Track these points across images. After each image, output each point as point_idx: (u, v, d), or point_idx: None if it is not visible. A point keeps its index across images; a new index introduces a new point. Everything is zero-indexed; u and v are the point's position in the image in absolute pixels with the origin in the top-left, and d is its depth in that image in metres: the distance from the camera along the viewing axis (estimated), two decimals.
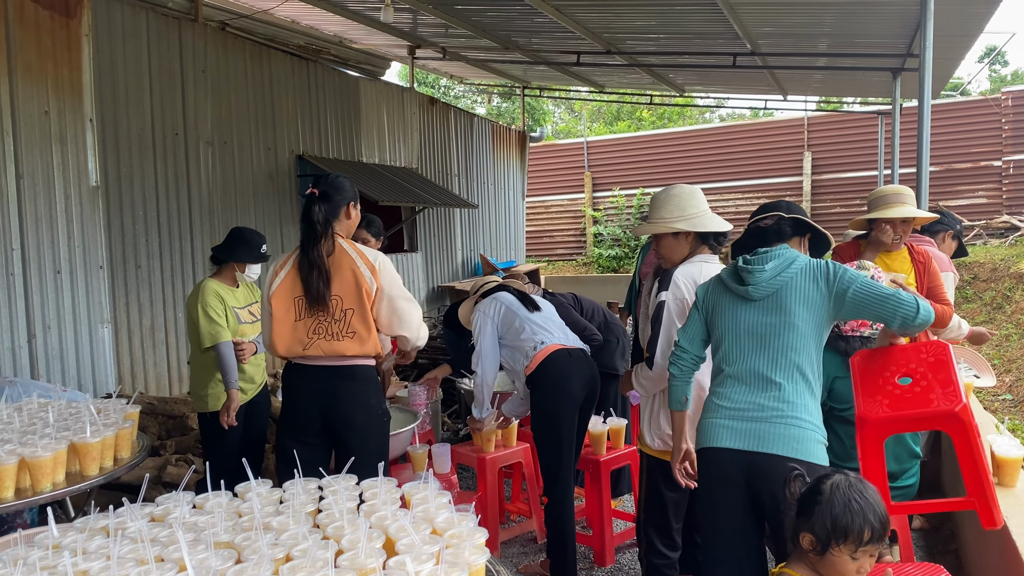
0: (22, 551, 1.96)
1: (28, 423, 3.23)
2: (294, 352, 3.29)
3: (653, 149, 16.72)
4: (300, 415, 3.33)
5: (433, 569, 1.73)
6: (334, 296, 3.26)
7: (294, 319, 3.27)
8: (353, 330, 3.25)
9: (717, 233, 3.07)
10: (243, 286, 4.31)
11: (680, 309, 2.95)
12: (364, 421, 3.31)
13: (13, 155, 5.32)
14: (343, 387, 3.29)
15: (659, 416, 3.04)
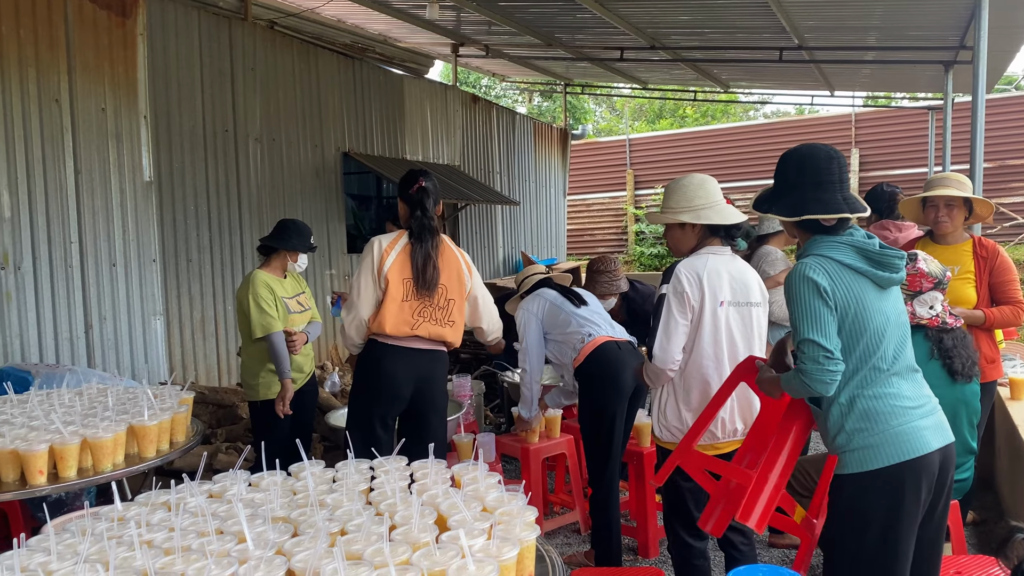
0: (89, 523, 2.04)
1: (89, 407, 3.34)
2: (401, 331, 3.46)
3: (696, 146, 16.59)
4: (390, 395, 3.51)
5: (485, 544, 1.75)
6: (441, 284, 3.55)
7: (401, 299, 3.47)
8: (453, 320, 3.58)
9: (729, 225, 2.98)
10: (291, 276, 4.38)
11: (680, 303, 2.87)
12: (444, 402, 3.72)
13: (72, 151, 5.49)
14: (436, 370, 3.61)
15: (666, 408, 3.00)
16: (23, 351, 5.19)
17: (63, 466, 2.88)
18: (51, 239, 5.36)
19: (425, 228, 3.52)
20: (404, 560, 1.70)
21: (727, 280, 2.92)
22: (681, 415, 2.94)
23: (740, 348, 2.95)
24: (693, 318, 2.89)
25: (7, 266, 5.11)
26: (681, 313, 2.86)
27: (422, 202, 3.53)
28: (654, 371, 2.93)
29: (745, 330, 2.97)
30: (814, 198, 2.37)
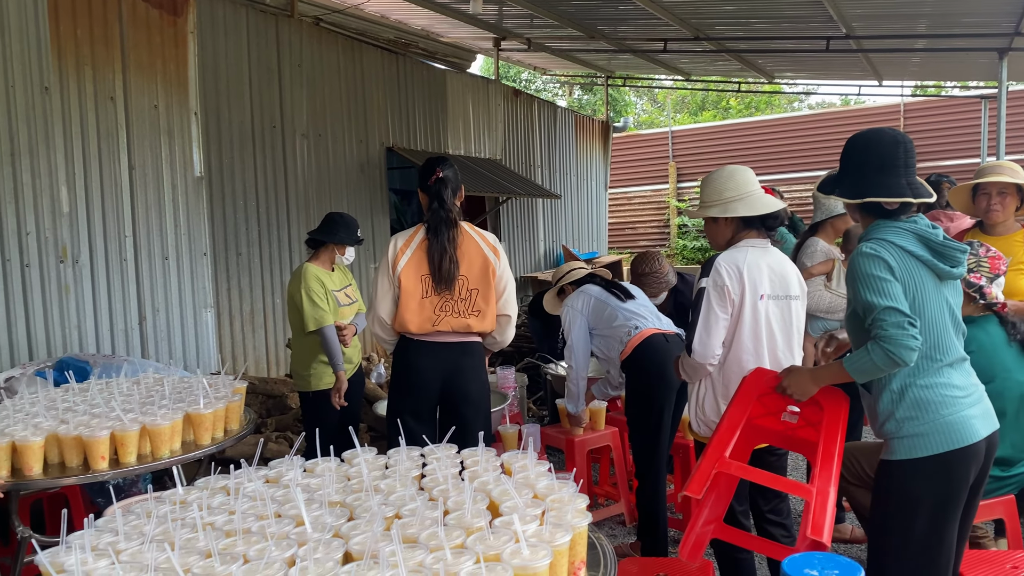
0: (152, 505, 2.11)
1: (146, 395, 3.44)
2: (424, 328, 3.43)
3: (740, 138, 16.39)
4: (420, 390, 3.48)
5: (538, 529, 1.78)
6: (461, 276, 3.45)
7: (421, 296, 3.42)
8: (478, 309, 3.46)
9: (764, 216, 2.93)
10: (338, 269, 4.45)
11: (720, 297, 2.82)
12: (478, 394, 3.54)
13: (126, 147, 5.63)
14: (464, 362, 3.50)
15: (704, 403, 2.96)
16: (81, 342, 5.35)
17: (123, 452, 2.97)
18: (107, 233, 5.51)
19: (442, 221, 3.41)
20: (459, 544, 1.73)
21: (767, 273, 2.89)
22: (720, 410, 2.90)
23: (779, 342, 2.93)
24: (733, 312, 2.85)
25: (66, 260, 5.27)
26: (721, 307, 2.83)
27: (440, 193, 3.41)
28: (692, 365, 2.89)
29: (784, 324, 2.94)
30: (877, 182, 2.37)
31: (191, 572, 1.63)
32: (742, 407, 2.50)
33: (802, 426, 2.47)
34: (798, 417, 2.51)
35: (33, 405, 3.28)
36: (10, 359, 4.96)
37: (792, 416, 2.52)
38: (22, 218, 5.01)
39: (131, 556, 1.78)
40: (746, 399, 2.51)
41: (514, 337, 8.06)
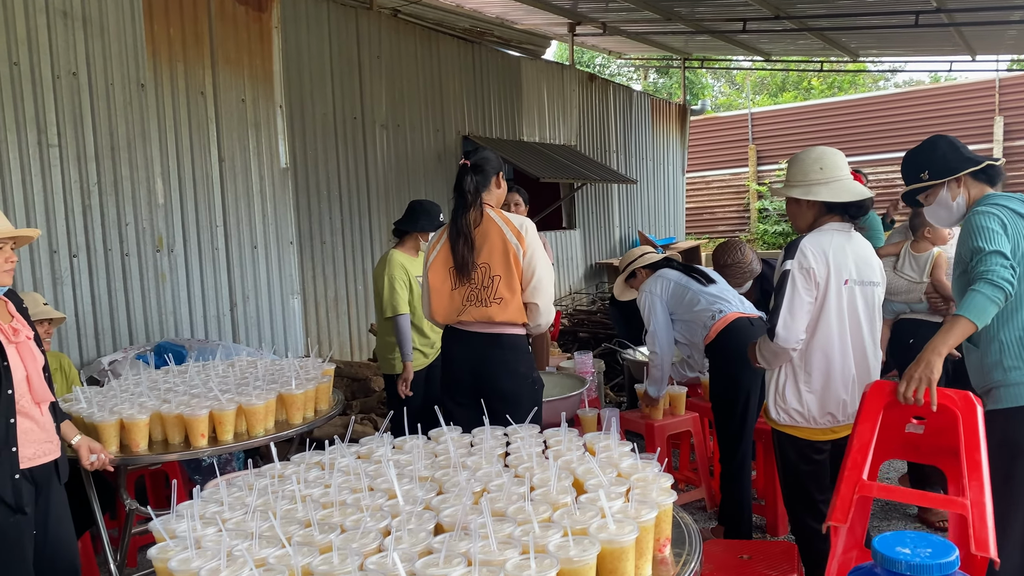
0: (252, 478, 2.22)
1: (241, 377, 3.60)
2: (451, 319, 3.40)
3: (823, 119, 15.92)
4: (453, 376, 3.44)
5: (623, 506, 1.80)
6: (481, 263, 3.32)
7: (450, 288, 3.37)
8: (500, 296, 3.29)
9: (849, 203, 2.83)
10: (422, 255, 4.54)
11: (806, 280, 2.75)
12: (513, 389, 3.30)
13: (216, 140, 5.86)
14: (492, 355, 3.33)
15: (785, 390, 2.88)
16: (176, 327, 5.61)
17: (221, 430, 3.13)
18: (199, 223, 5.75)
19: (458, 208, 3.36)
20: (546, 518, 1.77)
21: (851, 258, 2.82)
22: (802, 397, 2.84)
23: (864, 328, 2.85)
24: (818, 296, 2.77)
25: (162, 249, 5.53)
26: (807, 290, 2.75)
27: (459, 180, 3.37)
28: (774, 351, 2.81)
29: (868, 310, 2.86)
30: (958, 158, 2.71)
31: (292, 540, 1.72)
32: (869, 423, 2.40)
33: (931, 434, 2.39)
34: (924, 427, 2.43)
35: (137, 386, 3.48)
36: (112, 344, 5.24)
37: (918, 427, 2.44)
38: (122, 209, 5.28)
39: (235, 524, 1.88)
40: (872, 414, 2.43)
41: (591, 323, 8.07)
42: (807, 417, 2.84)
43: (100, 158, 5.14)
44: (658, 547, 1.86)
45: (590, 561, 1.58)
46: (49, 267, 4.90)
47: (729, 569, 2.43)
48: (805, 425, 2.86)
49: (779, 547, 2.58)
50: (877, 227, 5.55)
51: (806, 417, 2.85)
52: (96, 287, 5.15)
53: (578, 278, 10.83)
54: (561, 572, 1.54)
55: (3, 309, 2.64)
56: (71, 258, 5.02)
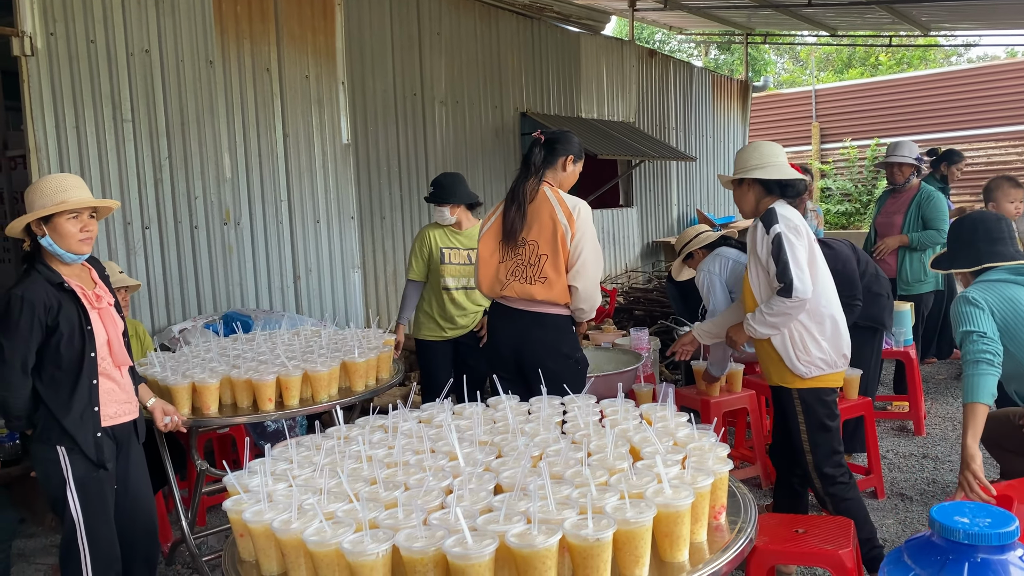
0: (319, 439, 2.31)
1: (306, 345, 3.71)
2: (494, 292, 3.45)
3: (891, 96, 15.43)
4: (496, 351, 3.50)
5: (680, 473, 1.84)
6: (531, 240, 3.33)
7: (497, 261, 3.42)
8: (545, 276, 3.30)
9: (783, 184, 3.11)
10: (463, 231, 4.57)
11: (797, 234, 2.96)
12: (555, 369, 3.24)
13: (281, 116, 5.99)
14: (534, 334, 3.36)
15: (805, 343, 3.02)
16: (242, 298, 5.79)
17: (287, 395, 3.24)
18: (264, 197, 5.91)
19: (519, 177, 3.42)
20: (602, 482, 1.81)
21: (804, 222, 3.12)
22: (823, 347, 3.03)
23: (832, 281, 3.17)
24: (807, 249, 2.99)
25: (229, 222, 5.70)
26: (801, 244, 2.96)
27: (528, 152, 3.45)
28: (789, 308, 2.92)
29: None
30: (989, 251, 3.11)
31: (359, 496, 1.80)
32: None
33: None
34: None
35: (208, 352, 3.62)
36: (182, 312, 5.44)
37: None
38: (191, 183, 5.45)
39: (304, 481, 1.97)
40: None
41: (647, 301, 8.04)
42: (829, 363, 3.05)
43: (171, 133, 5.32)
44: (713, 514, 1.89)
45: (646, 523, 1.62)
46: (123, 238, 5.10)
47: (783, 541, 2.44)
48: (829, 371, 3.06)
49: (835, 521, 2.58)
50: (943, 207, 5.40)
51: (829, 363, 3.05)
52: (167, 258, 5.34)
53: (634, 256, 10.78)
54: (618, 533, 1.59)
55: (87, 276, 2.78)
56: (143, 230, 5.21)
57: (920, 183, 5.50)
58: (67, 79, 4.76)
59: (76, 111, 4.80)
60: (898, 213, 5.47)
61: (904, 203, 5.47)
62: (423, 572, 1.55)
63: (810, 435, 3.10)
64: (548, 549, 1.51)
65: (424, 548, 1.54)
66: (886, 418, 5.39)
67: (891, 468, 4.59)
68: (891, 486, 4.33)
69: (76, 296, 2.65)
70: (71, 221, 2.59)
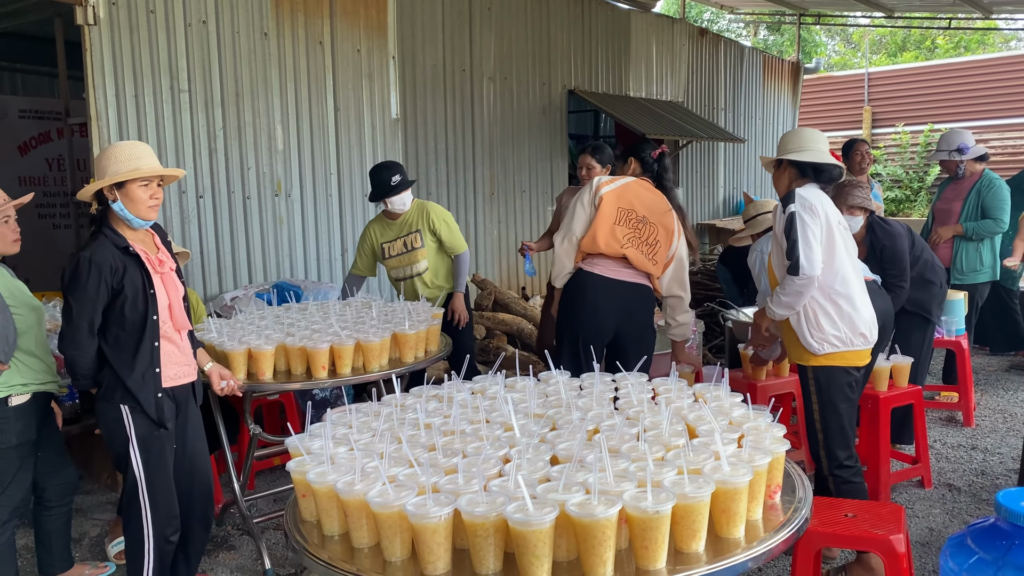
0: (376, 406, 2.36)
1: (357, 316, 3.77)
2: (612, 249, 3.61)
3: (947, 80, 15.01)
4: (598, 320, 3.66)
5: (736, 451, 1.85)
6: (652, 223, 3.68)
7: (614, 222, 3.62)
8: (657, 259, 3.70)
9: (817, 170, 3.14)
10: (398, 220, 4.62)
11: (812, 215, 2.99)
12: (650, 340, 3.83)
13: (332, 90, 6.04)
14: (641, 307, 3.74)
15: (819, 320, 3.04)
16: (292, 268, 5.88)
17: (340, 364, 3.30)
18: (315, 170, 5.97)
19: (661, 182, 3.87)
20: (659, 458, 1.83)
21: (835, 209, 3.17)
22: (837, 324, 3.05)
23: (858, 267, 3.22)
24: (824, 230, 3.02)
25: (280, 193, 5.77)
26: (814, 222, 2.98)
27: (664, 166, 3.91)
28: (799, 287, 2.96)
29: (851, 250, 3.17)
30: None
31: (418, 461, 1.84)
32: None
33: None
34: None
35: (262, 319, 3.69)
36: (233, 281, 5.55)
37: None
38: (244, 154, 5.53)
39: (364, 446, 2.02)
40: None
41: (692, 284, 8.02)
42: (844, 340, 3.05)
43: (226, 104, 5.39)
44: (769, 493, 1.90)
45: (705, 499, 1.63)
46: (178, 207, 5.21)
47: (833, 524, 2.44)
48: (844, 349, 3.06)
49: (886, 508, 2.57)
50: (1003, 196, 5.25)
51: (844, 340, 3.05)
52: (220, 227, 5.44)
53: None
54: (676, 507, 1.60)
55: (150, 241, 2.85)
56: (198, 199, 5.31)
57: (983, 170, 5.37)
58: (127, 49, 4.84)
59: (136, 80, 4.89)
60: (957, 200, 5.36)
61: (964, 190, 5.35)
62: (484, 536, 1.59)
63: (822, 414, 3.16)
64: (608, 519, 1.54)
65: (485, 513, 1.57)
66: (934, 408, 5.31)
67: (939, 458, 4.53)
68: (938, 476, 4.28)
69: (140, 260, 2.72)
70: (142, 188, 2.66)
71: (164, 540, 2.79)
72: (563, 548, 1.63)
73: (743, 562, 1.66)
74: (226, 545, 3.75)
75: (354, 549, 1.78)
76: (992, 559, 1.36)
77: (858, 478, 3.20)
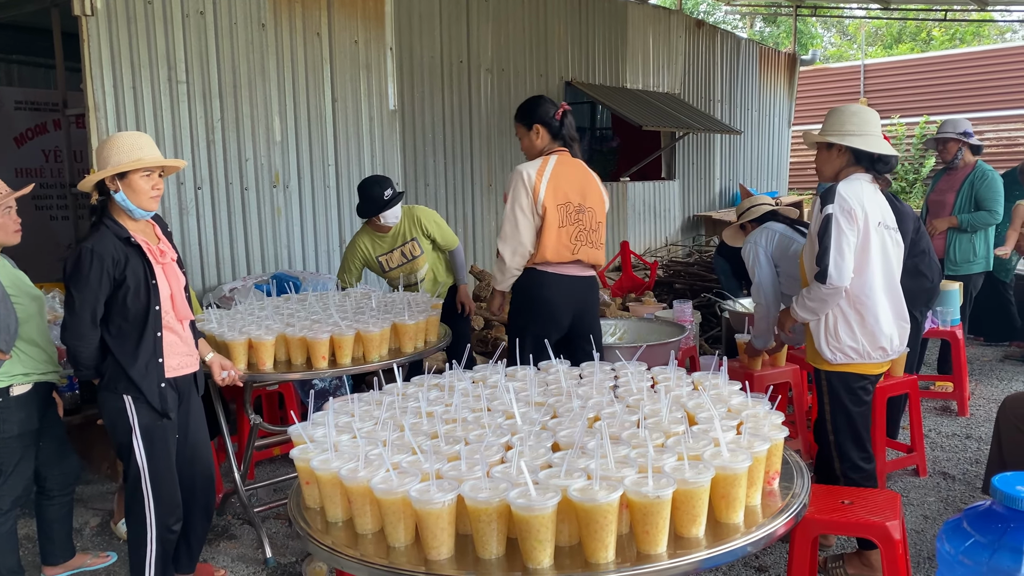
0: (377, 395, 2.38)
1: (356, 306, 3.78)
2: (562, 257, 3.54)
3: (942, 72, 15.05)
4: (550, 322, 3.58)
5: (735, 437, 1.87)
6: (588, 207, 3.59)
7: (559, 225, 3.52)
8: (602, 242, 3.65)
9: (875, 158, 2.97)
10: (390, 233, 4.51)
11: (849, 221, 2.86)
12: (600, 329, 3.77)
13: (330, 81, 6.04)
14: (592, 297, 3.68)
15: (837, 330, 2.97)
16: (290, 259, 5.89)
17: (340, 354, 3.31)
18: (312, 161, 5.98)
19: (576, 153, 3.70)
20: (659, 444, 1.85)
21: (877, 203, 2.98)
22: (856, 336, 2.97)
23: (894, 267, 3.03)
24: (860, 236, 2.89)
25: (278, 184, 5.78)
26: (851, 230, 2.87)
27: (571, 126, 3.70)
28: (825, 295, 2.89)
29: (896, 253, 3.03)
30: None
31: (421, 449, 1.86)
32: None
33: None
34: None
35: (262, 310, 3.71)
36: (232, 272, 5.56)
37: None
38: (242, 145, 5.54)
39: (367, 434, 2.04)
40: None
41: (688, 275, 8.01)
42: (861, 353, 2.98)
43: (223, 95, 5.39)
44: (767, 479, 1.92)
45: (704, 484, 1.65)
46: (176, 197, 5.21)
47: (830, 511, 2.47)
48: (860, 361, 2.99)
49: (882, 495, 2.60)
50: (996, 188, 5.28)
51: (860, 353, 2.98)
52: (218, 218, 5.45)
53: (675, 230, 10.73)
54: (677, 492, 1.63)
55: (151, 232, 2.86)
56: (196, 190, 5.31)
57: (976, 161, 5.39)
58: (125, 39, 4.84)
59: (133, 71, 4.89)
60: (951, 191, 5.38)
61: (958, 181, 5.37)
62: (487, 522, 1.61)
63: (833, 416, 3.11)
64: (610, 504, 1.56)
65: (489, 499, 1.59)
66: (929, 397, 5.35)
67: (933, 447, 4.57)
68: (933, 465, 4.32)
69: (142, 251, 2.73)
70: (144, 178, 2.67)
71: (166, 529, 2.81)
72: (565, 533, 1.66)
73: (742, 546, 1.69)
74: (227, 534, 3.78)
75: (358, 535, 1.80)
76: (988, 542, 1.38)
77: (870, 482, 3.13)
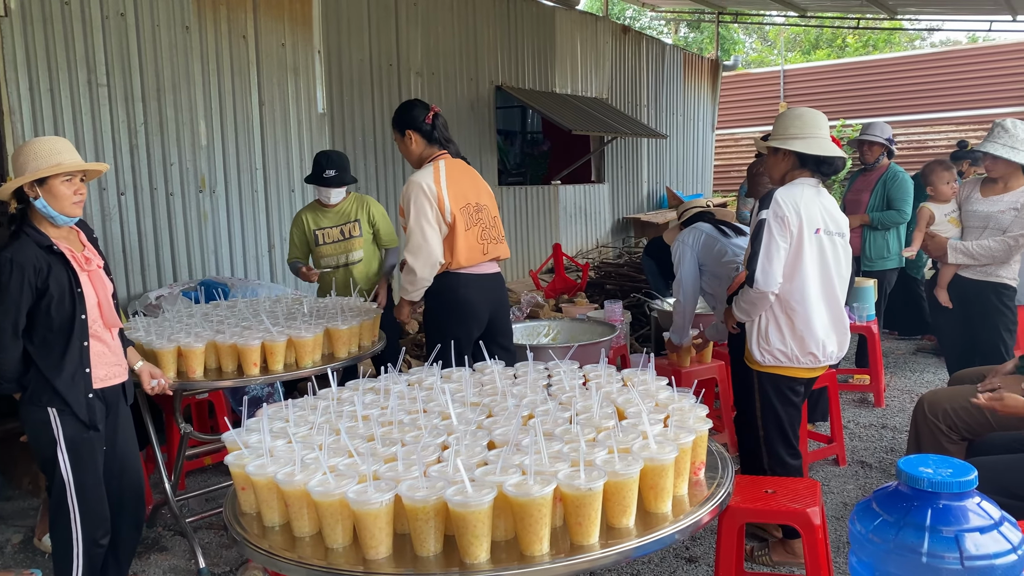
0: (312, 401, 2.38)
1: (288, 312, 3.76)
2: (475, 260, 3.61)
3: (857, 78, 15.68)
4: (476, 317, 3.65)
5: (663, 431, 1.95)
6: (484, 204, 3.70)
7: (465, 228, 3.58)
8: (503, 234, 3.76)
9: (820, 160, 3.02)
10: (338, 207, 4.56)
11: (781, 227, 2.91)
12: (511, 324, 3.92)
13: (257, 84, 5.96)
14: (504, 294, 3.79)
15: (768, 333, 3.04)
16: (218, 266, 5.79)
17: (272, 360, 3.29)
18: (239, 165, 5.89)
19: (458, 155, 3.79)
20: (591, 439, 1.91)
21: (819, 210, 3.01)
22: (786, 340, 3.02)
23: (833, 274, 3.05)
24: (792, 243, 2.94)
25: (204, 189, 5.68)
26: (782, 237, 2.92)
27: (444, 129, 3.86)
28: (753, 298, 2.96)
29: (836, 258, 3.06)
30: None
31: (358, 451, 1.88)
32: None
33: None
34: None
35: (190, 317, 3.65)
36: (158, 279, 5.44)
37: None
38: (167, 150, 5.42)
39: (302, 438, 2.04)
40: None
41: (618, 276, 8.14)
42: (790, 357, 3.04)
43: (147, 99, 5.27)
44: (693, 470, 2.00)
45: (634, 475, 1.72)
46: (98, 204, 5.07)
47: (754, 500, 2.57)
48: (788, 364, 3.05)
49: (803, 483, 2.72)
50: (907, 189, 5.55)
51: (789, 357, 3.04)
52: (142, 224, 5.32)
53: (605, 232, 10.91)
54: (607, 484, 1.69)
55: (75, 238, 2.79)
56: (119, 196, 5.18)
57: (890, 163, 5.65)
58: (41, 41, 4.70)
59: (51, 74, 4.75)
60: (866, 191, 5.63)
61: (872, 182, 5.62)
62: (424, 520, 1.64)
63: (763, 414, 3.18)
64: (544, 498, 1.61)
65: (426, 497, 1.63)
66: (847, 390, 5.59)
67: (852, 437, 4.78)
68: (852, 454, 4.52)
69: (65, 258, 2.66)
70: (65, 184, 2.60)
71: (93, 543, 2.75)
72: (501, 528, 1.70)
73: (671, 534, 1.76)
74: (158, 546, 3.70)
75: (295, 538, 1.81)
76: (894, 520, 1.48)
77: (797, 475, 3.19)
